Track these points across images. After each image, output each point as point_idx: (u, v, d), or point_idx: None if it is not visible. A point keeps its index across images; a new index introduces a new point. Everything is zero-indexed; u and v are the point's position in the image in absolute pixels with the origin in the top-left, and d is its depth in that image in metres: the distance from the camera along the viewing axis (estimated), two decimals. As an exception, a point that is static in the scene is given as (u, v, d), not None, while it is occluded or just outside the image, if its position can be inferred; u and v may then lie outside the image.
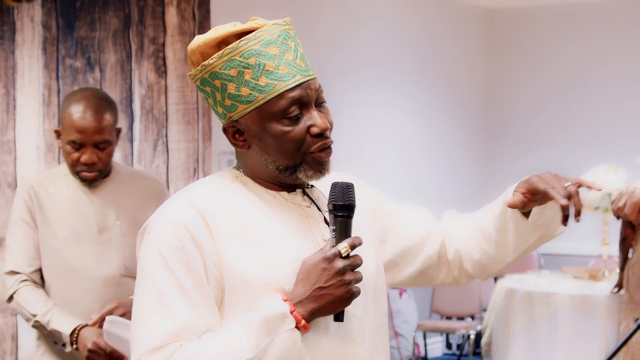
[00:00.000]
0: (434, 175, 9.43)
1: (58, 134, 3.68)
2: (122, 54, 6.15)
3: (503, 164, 10.13)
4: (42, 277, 3.70)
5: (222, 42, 2.01)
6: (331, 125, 2.06)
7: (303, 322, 1.93)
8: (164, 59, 6.30)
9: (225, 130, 2.06)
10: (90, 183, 3.66)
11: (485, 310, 8.17)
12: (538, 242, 2.36)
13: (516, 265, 9.28)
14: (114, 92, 6.08)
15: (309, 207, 2.12)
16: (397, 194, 9.63)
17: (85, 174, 3.61)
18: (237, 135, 2.06)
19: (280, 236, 2.02)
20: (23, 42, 5.77)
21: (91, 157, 3.58)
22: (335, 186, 2.02)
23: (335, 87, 7.95)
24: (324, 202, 2.16)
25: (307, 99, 2.02)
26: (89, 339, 3.54)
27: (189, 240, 1.92)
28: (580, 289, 7.32)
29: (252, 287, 1.94)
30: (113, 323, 3.52)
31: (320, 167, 2.04)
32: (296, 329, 1.92)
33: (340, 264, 1.95)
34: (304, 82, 2.01)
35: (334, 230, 2.00)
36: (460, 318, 8.60)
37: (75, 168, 3.61)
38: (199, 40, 2.03)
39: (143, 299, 1.93)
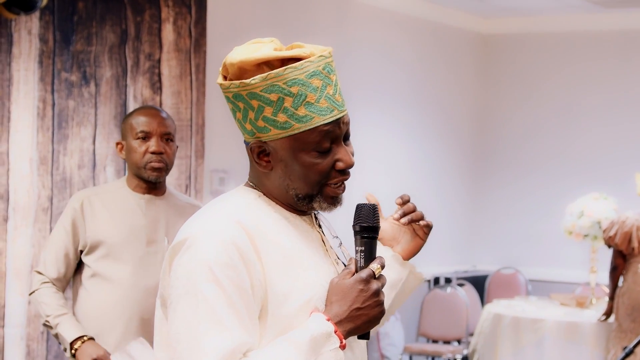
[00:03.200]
0: (424, 198, 9.42)
1: (120, 146, 3.92)
2: (118, 69, 6.16)
3: (492, 188, 10.16)
4: (65, 284, 3.90)
5: (264, 63, 2.00)
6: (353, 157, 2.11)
7: (344, 341, 1.96)
8: (159, 75, 6.32)
9: (250, 149, 2.06)
10: (156, 178, 3.85)
11: (472, 334, 8.17)
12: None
13: (503, 291, 9.31)
14: (109, 107, 6.10)
15: (320, 231, 2.15)
16: (386, 215, 9.63)
17: (154, 163, 3.81)
18: (261, 155, 2.06)
19: (310, 257, 2.05)
20: (20, 55, 5.78)
21: (159, 145, 3.81)
22: (361, 208, 2.06)
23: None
24: (328, 228, 2.20)
25: (339, 133, 2.05)
26: (89, 353, 3.67)
27: (238, 258, 1.91)
28: (568, 316, 7.34)
29: (294, 307, 1.96)
30: (143, 345, 3.56)
31: (333, 201, 2.08)
32: (339, 349, 1.94)
33: (375, 285, 1.99)
34: (340, 117, 2.04)
35: (362, 251, 2.02)
36: (447, 342, 8.60)
37: (144, 160, 3.82)
38: (241, 54, 2.01)
39: (191, 315, 1.90)
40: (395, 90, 9.12)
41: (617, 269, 6.82)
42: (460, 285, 8.80)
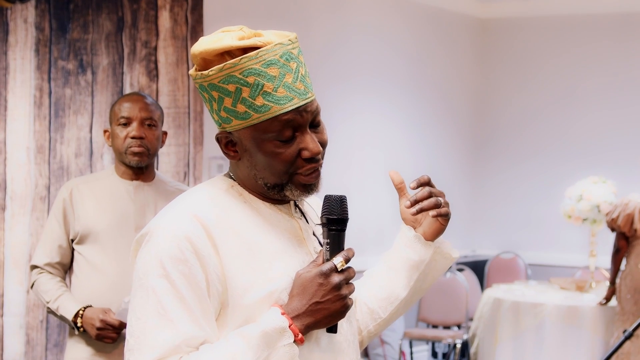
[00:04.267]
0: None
1: (108, 133, 3.95)
2: (115, 57, 6.14)
3: (491, 173, 10.15)
4: (62, 272, 3.94)
5: (226, 53, 1.99)
6: (324, 144, 2.06)
7: (300, 335, 1.94)
8: (155, 62, 6.30)
9: (218, 139, 2.07)
10: (137, 163, 3.86)
11: (471, 319, 8.17)
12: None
13: (503, 275, 9.31)
14: (105, 95, 6.08)
15: (301, 219, 2.14)
16: (385, 201, 9.65)
17: (133, 148, 3.83)
18: (229, 146, 2.06)
19: (278, 248, 2.03)
20: (16, 43, 5.76)
21: (138, 130, 3.83)
22: (328, 199, 2.01)
23: (326, 93, 7.96)
24: (312, 215, 2.19)
25: (302, 122, 2.00)
26: (95, 318, 3.73)
27: (191, 252, 1.91)
28: (567, 300, 7.34)
29: (255, 300, 1.95)
30: None
31: (306, 188, 2.05)
32: (294, 344, 1.93)
33: (336, 279, 1.96)
34: (301, 105, 2.00)
35: (327, 244, 2.00)
36: (447, 327, 8.60)
37: (125, 146, 3.85)
38: (203, 45, 2.01)
39: (142, 309, 1.92)
40: (392, 76, 9.10)
41: (620, 251, 6.84)
42: (460, 270, 8.80)
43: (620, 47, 9.59)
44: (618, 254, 6.86)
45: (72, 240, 3.89)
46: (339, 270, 1.97)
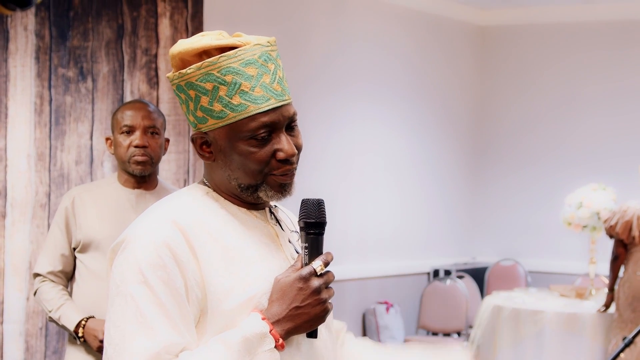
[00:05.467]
0: (422, 189, 9.44)
1: (110, 141, 3.94)
2: (115, 65, 6.15)
3: (491, 180, 10.16)
4: (65, 280, 3.94)
5: (204, 53, 2.00)
6: (299, 148, 2.06)
7: (281, 341, 1.94)
8: (156, 70, 6.30)
9: (193, 140, 2.07)
10: (141, 172, 3.85)
11: (471, 326, 8.17)
12: None
13: (503, 283, 9.31)
14: (106, 103, 6.09)
15: (276, 225, 2.14)
16: (386, 207, 9.65)
17: (137, 157, 3.82)
18: (204, 147, 2.06)
19: (256, 253, 2.03)
20: (16, 51, 5.77)
21: (142, 139, 3.82)
22: (306, 203, 2.02)
23: (326, 100, 7.97)
24: (288, 224, 2.18)
25: (278, 123, 2.01)
26: (99, 330, 3.73)
27: (170, 258, 1.91)
28: (567, 307, 7.33)
29: (234, 306, 1.94)
30: None
31: (281, 189, 2.05)
32: (275, 349, 1.92)
33: (316, 283, 1.96)
34: (277, 107, 2.01)
35: (306, 248, 2.00)
36: (447, 334, 8.60)
37: (128, 154, 3.83)
38: (182, 45, 2.02)
39: (120, 316, 1.90)
40: (393, 83, 9.11)
41: (619, 258, 6.84)
42: (460, 277, 8.80)
43: (619, 54, 9.60)
44: (616, 261, 6.86)
45: (75, 249, 3.89)
46: (318, 274, 1.97)
